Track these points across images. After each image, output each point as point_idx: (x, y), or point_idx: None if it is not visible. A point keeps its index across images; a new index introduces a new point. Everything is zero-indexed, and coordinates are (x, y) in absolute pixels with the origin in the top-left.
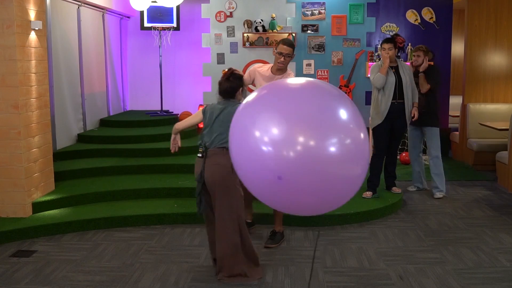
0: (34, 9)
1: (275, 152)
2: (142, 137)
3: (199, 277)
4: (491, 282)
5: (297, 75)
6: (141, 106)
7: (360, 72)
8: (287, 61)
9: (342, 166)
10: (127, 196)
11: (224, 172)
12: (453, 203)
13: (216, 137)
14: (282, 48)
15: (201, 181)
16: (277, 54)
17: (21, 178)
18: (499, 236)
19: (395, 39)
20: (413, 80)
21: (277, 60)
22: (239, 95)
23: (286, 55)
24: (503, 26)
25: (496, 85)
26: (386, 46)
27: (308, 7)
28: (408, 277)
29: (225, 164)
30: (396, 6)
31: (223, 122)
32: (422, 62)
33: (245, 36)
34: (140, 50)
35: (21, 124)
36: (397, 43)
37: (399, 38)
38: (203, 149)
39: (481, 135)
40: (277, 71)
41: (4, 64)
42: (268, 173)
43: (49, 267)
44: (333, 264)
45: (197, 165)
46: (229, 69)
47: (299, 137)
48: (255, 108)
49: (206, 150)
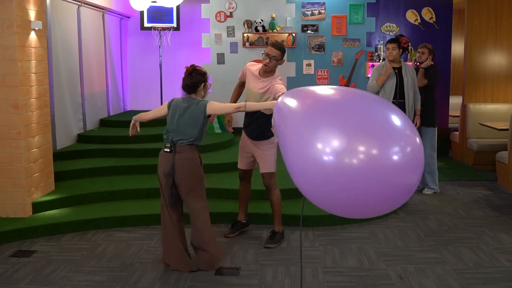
0: (34, 9)
1: (338, 162)
2: (142, 137)
3: (199, 277)
4: (491, 282)
5: (297, 75)
6: (141, 106)
7: (360, 72)
8: (273, 64)
9: (402, 174)
10: (127, 196)
11: (195, 166)
12: (453, 203)
13: (185, 135)
14: (269, 50)
15: (172, 174)
16: (263, 55)
17: (21, 178)
18: (499, 236)
19: (399, 39)
20: (416, 84)
21: (263, 61)
22: (201, 90)
23: (272, 57)
24: (503, 26)
25: (496, 85)
26: (390, 46)
27: (308, 7)
28: (408, 277)
29: (195, 159)
30: (396, 6)
31: (190, 121)
32: (426, 59)
33: (245, 36)
34: (140, 50)
35: (21, 124)
36: (401, 43)
37: (403, 39)
38: (171, 144)
39: (481, 135)
40: (264, 73)
41: (4, 64)
42: (330, 183)
43: (49, 267)
44: (333, 264)
45: (164, 159)
46: (191, 65)
47: (361, 147)
48: (312, 122)
49: (174, 145)
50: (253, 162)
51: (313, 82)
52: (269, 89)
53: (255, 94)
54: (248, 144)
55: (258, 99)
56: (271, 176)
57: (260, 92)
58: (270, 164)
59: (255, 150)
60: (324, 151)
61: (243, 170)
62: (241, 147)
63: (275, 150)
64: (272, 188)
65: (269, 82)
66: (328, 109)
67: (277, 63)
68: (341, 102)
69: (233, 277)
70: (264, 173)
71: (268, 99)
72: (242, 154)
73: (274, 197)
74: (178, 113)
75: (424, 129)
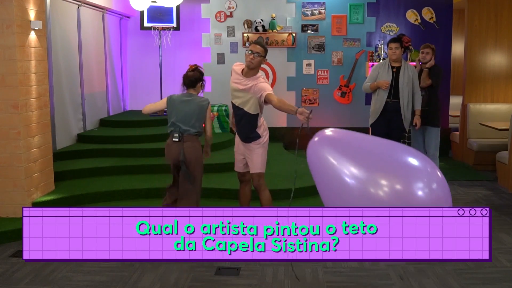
0: (34, 9)
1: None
2: (142, 137)
3: (199, 277)
4: (491, 282)
5: (297, 75)
6: (141, 106)
7: (360, 72)
8: (257, 61)
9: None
10: (127, 196)
11: (199, 152)
12: (453, 203)
13: (191, 127)
14: (253, 47)
15: (183, 159)
16: (246, 53)
17: (21, 178)
18: (499, 236)
19: (402, 39)
20: (417, 85)
21: (246, 58)
22: (199, 87)
23: (256, 53)
24: (503, 26)
25: (496, 85)
26: (393, 46)
27: (308, 7)
28: (408, 277)
29: (199, 147)
30: (396, 6)
31: (193, 115)
32: (430, 59)
33: (245, 36)
34: (140, 50)
35: (21, 124)
36: (403, 43)
37: (405, 38)
38: (179, 134)
39: (481, 135)
40: (248, 71)
41: (4, 64)
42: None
43: (49, 267)
44: (333, 264)
45: (173, 147)
46: (194, 64)
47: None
48: (347, 164)
49: (182, 135)
50: (247, 164)
51: (313, 82)
52: (251, 87)
53: (234, 89)
54: (240, 146)
55: (244, 98)
56: (260, 177)
57: (240, 88)
58: (258, 164)
59: (245, 152)
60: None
61: (240, 173)
62: (235, 150)
63: (264, 150)
64: (262, 190)
65: (252, 81)
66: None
67: (261, 60)
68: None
69: (233, 277)
70: (252, 173)
71: (250, 98)
72: (236, 156)
73: (264, 198)
74: (182, 106)
75: (430, 129)
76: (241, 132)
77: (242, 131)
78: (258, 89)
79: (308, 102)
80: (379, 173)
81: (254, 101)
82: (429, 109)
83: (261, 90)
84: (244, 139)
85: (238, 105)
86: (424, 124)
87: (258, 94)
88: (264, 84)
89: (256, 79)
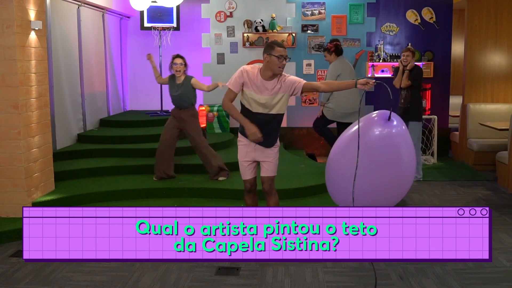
0: (34, 9)
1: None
2: (142, 137)
3: (199, 277)
4: (491, 282)
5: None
6: (141, 106)
7: (360, 72)
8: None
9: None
10: (127, 196)
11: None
12: (453, 203)
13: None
14: (281, 51)
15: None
16: (275, 59)
17: (21, 178)
18: (499, 236)
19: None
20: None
21: (276, 65)
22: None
23: (286, 57)
24: (503, 26)
25: (496, 85)
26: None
27: (308, 7)
28: (408, 277)
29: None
30: (396, 6)
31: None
32: (409, 61)
33: (245, 36)
34: (140, 50)
35: (21, 124)
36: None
37: (329, 44)
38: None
39: (481, 135)
40: (272, 76)
41: (4, 64)
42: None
43: (49, 267)
44: (333, 264)
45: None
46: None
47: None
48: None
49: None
50: (256, 169)
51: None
52: (281, 87)
53: (265, 98)
54: (250, 154)
55: (269, 103)
56: (272, 180)
57: (270, 96)
58: (275, 167)
59: (257, 157)
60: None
61: (250, 181)
62: (243, 158)
63: (278, 151)
64: (273, 194)
65: (278, 81)
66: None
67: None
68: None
69: (233, 277)
70: (267, 177)
71: (280, 99)
72: (245, 165)
73: (274, 202)
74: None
75: (412, 123)
76: (268, 137)
77: (270, 137)
78: (289, 83)
79: (308, 102)
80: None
81: (285, 98)
82: (411, 106)
83: (293, 83)
84: (268, 145)
85: (262, 112)
86: (408, 119)
87: (291, 88)
88: (290, 76)
89: (281, 76)
